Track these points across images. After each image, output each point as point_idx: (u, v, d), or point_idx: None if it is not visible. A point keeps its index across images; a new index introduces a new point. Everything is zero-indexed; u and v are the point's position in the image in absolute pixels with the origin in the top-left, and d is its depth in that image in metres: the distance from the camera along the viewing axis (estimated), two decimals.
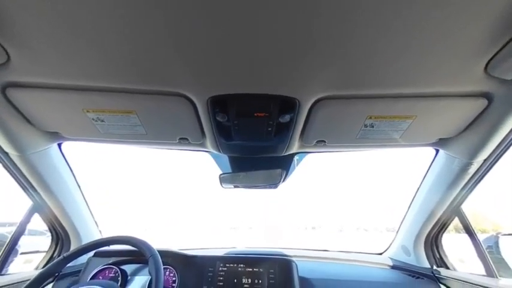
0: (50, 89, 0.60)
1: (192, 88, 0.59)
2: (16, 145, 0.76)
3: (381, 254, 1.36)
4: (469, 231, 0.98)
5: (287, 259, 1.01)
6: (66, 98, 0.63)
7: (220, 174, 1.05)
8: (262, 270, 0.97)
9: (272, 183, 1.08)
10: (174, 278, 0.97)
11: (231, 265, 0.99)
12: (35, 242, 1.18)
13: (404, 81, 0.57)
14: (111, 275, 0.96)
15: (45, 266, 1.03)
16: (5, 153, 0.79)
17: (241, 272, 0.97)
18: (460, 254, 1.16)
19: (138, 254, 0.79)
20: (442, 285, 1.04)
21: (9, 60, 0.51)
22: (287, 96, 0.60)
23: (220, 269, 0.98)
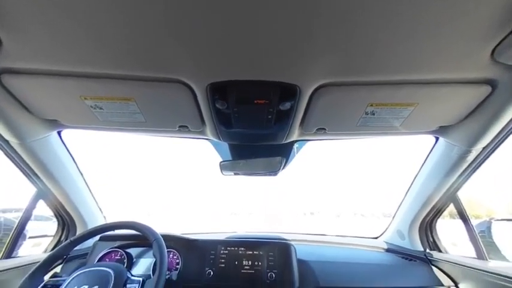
0: (46, 75, 0.59)
1: (190, 74, 0.58)
2: (16, 133, 0.77)
3: (376, 238, 1.41)
4: (463, 217, 1.01)
5: (286, 242, 1.05)
6: (62, 84, 0.62)
7: (221, 161, 1.06)
8: (262, 253, 1.01)
9: (272, 171, 1.10)
10: (177, 260, 1.02)
11: (232, 248, 1.03)
12: (42, 227, 1.22)
13: (408, 67, 0.55)
14: (117, 257, 1.00)
15: (53, 249, 1.07)
16: (5, 141, 0.80)
17: (242, 255, 1.01)
18: (453, 238, 1.21)
19: (142, 238, 0.82)
20: (433, 267, 1.09)
21: (1, 45, 0.49)
22: (288, 83, 0.59)
23: (221, 252, 1.02)
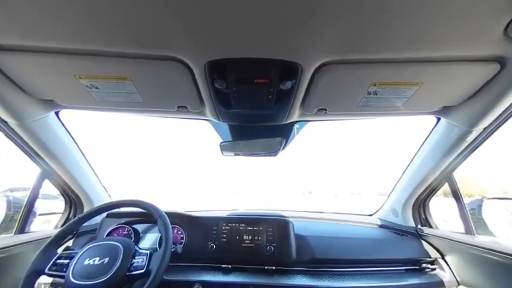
0: (38, 52, 0.57)
1: (188, 52, 0.55)
2: (13, 114, 0.76)
3: (371, 215, 1.48)
4: (456, 196, 1.04)
5: (284, 219, 1.10)
6: (55, 62, 0.60)
7: (221, 142, 1.07)
8: (261, 228, 1.07)
9: (272, 152, 1.11)
10: (182, 235, 1.08)
11: (233, 224, 1.09)
12: (51, 205, 1.27)
13: (415, 44, 0.53)
14: (124, 233, 1.06)
15: (63, 226, 1.13)
16: (4, 122, 0.79)
17: (243, 230, 1.07)
18: (444, 215, 1.26)
19: (147, 216, 0.86)
20: (423, 241, 1.16)
21: None
22: (289, 60, 0.57)
23: (223, 227, 1.08)
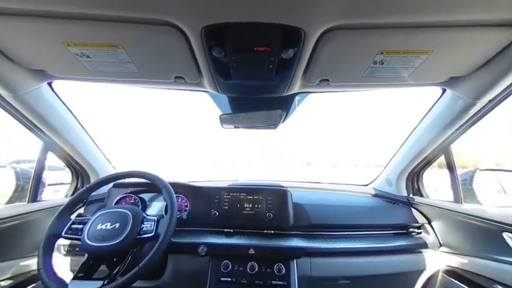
0: (21, 16, 0.53)
1: (182, 16, 0.51)
2: (5, 85, 0.75)
3: (366, 185, 1.55)
4: (450, 167, 1.07)
5: (283, 189, 1.16)
6: (41, 28, 0.56)
7: (221, 115, 1.06)
8: (261, 197, 1.13)
9: (272, 124, 1.10)
10: (186, 204, 1.14)
11: (234, 194, 1.14)
12: (58, 176, 1.31)
13: (427, 7, 0.49)
14: (132, 201, 1.12)
15: (72, 195, 1.19)
16: None
17: (243, 199, 1.13)
18: (437, 186, 1.32)
19: (152, 186, 0.90)
20: (413, 209, 1.23)
21: None
22: (291, 26, 0.53)
23: (225, 196, 1.14)
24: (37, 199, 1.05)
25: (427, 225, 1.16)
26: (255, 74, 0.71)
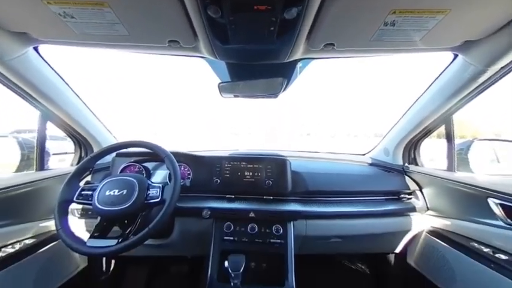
0: None
1: None
2: None
3: (363, 154, 1.58)
4: (449, 137, 1.08)
5: (282, 158, 1.19)
6: None
7: (219, 83, 1.02)
8: (261, 166, 1.16)
9: (272, 93, 1.07)
10: (188, 172, 1.19)
11: (235, 163, 1.18)
12: (61, 146, 1.33)
13: None
14: (136, 170, 1.16)
15: (78, 163, 1.22)
16: None
17: (244, 168, 1.17)
18: (433, 155, 1.35)
19: (154, 155, 0.92)
20: (406, 177, 1.29)
21: None
22: None
23: (226, 165, 1.18)
24: (44, 168, 1.09)
25: (418, 192, 1.23)
26: (255, 37, 0.66)
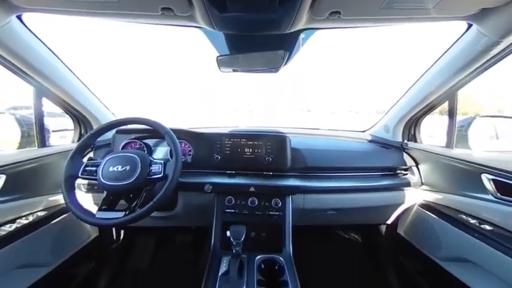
0: None
1: None
2: None
3: (363, 131, 1.58)
4: (451, 114, 1.07)
5: (282, 135, 1.19)
6: None
7: (218, 56, 0.97)
8: (261, 143, 1.17)
9: (273, 67, 1.03)
10: (189, 148, 1.20)
11: (235, 139, 1.19)
12: (60, 123, 1.32)
13: None
14: (137, 146, 1.17)
15: (79, 140, 1.23)
16: None
17: (244, 144, 1.18)
18: (432, 132, 1.35)
19: (154, 132, 0.92)
20: (404, 153, 1.30)
21: None
22: None
23: (226, 142, 1.18)
24: (46, 144, 1.10)
25: (414, 168, 1.26)
26: (255, 4, 0.62)
